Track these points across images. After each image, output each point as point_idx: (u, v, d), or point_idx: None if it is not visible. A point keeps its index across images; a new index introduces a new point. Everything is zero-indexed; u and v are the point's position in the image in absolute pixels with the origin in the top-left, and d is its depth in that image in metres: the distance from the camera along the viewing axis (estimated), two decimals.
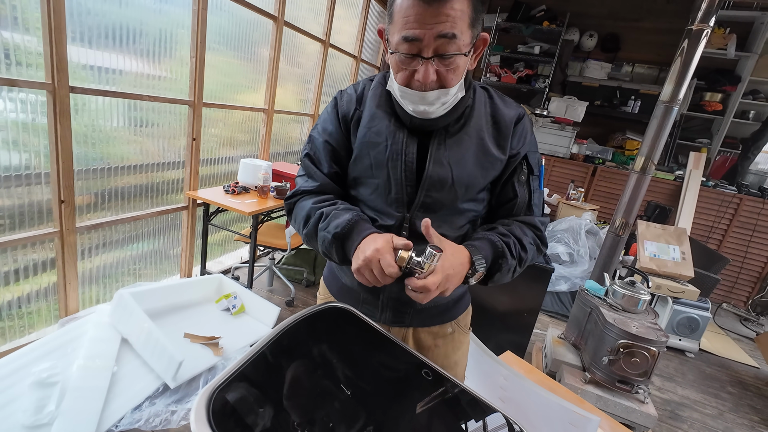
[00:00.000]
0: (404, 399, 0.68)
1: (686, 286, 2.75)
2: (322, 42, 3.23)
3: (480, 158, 0.77)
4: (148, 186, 2.16)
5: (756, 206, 3.84)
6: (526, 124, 0.82)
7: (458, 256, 0.69)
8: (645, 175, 2.12)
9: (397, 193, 0.77)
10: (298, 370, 0.66)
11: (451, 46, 0.64)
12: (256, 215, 2.23)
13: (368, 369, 0.72)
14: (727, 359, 2.89)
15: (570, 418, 0.91)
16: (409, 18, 0.63)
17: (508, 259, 0.74)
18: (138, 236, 2.21)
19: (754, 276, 3.93)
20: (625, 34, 4.68)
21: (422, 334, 0.89)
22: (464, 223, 0.82)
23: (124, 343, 1.74)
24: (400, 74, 0.70)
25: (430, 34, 0.63)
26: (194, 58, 2.10)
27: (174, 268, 2.50)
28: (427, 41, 0.64)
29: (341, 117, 0.81)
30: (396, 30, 0.65)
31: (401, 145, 0.75)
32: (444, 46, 0.64)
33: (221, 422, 0.51)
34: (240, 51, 2.53)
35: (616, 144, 4.69)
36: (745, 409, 2.33)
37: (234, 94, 2.59)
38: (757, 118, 4.34)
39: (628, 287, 1.91)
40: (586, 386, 1.83)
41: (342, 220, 0.72)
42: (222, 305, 2.21)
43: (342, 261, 0.75)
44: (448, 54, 0.65)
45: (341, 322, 0.78)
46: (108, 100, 1.82)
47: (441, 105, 0.71)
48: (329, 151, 0.82)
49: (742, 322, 3.63)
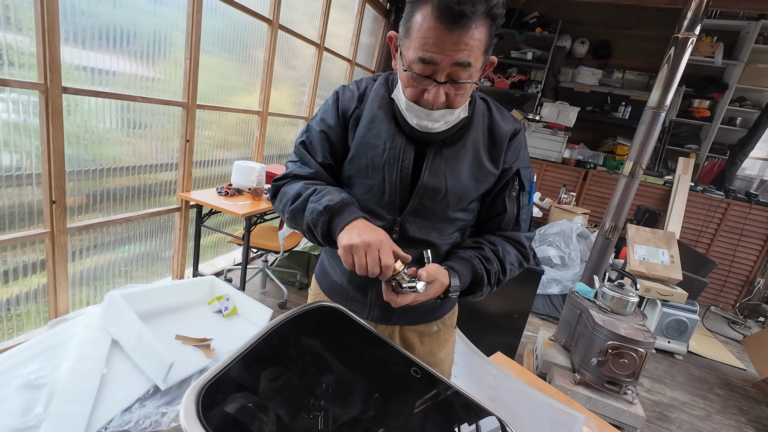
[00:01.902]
0: (393, 396, 0.69)
1: (675, 289, 2.79)
2: (317, 45, 3.25)
3: (474, 171, 0.78)
4: (140, 188, 2.15)
5: (743, 211, 3.91)
6: (521, 139, 0.83)
7: (435, 286, 0.71)
8: (633, 179, 2.16)
9: (390, 197, 0.78)
10: (287, 367, 0.66)
11: (464, 73, 0.65)
12: (249, 217, 2.23)
13: (357, 366, 0.73)
14: (715, 361, 2.93)
15: (556, 416, 0.92)
16: (428, 40, 0.62)
17: (484, 287, 0.79)
18: (130, 238, 2.20)
19: (742, 279, 4.00)
20: (616, 41, 4.76)
21: (408, 332, 0.90)
22: (453, 231, 0.84)
23: (115, 344, 1.73)
24: (409, 90, 0.70)
25: (447, 60, 0.63)
26: (188, 60, 2.10)
27: (166, 270, 2.49)
28: (443, 66, 0.64)
29: (341, 112, 0.81)
30: (412, 47, 0.65)
31: (399, 150, 0.76)
32: (458, 73, 0.65)
33: (211, 417, 0.51)
34: (235, 53, 2.54)
35: (607, 149, 4.76)
36: (732, 410, 2.36)
37: (229, 97, 2.60)
38: (744, 124, 4.43)
39: (616, 289, 1.94)
40: (575, 387, 1.85)
41: (336, 197, 0.72)
42: (214, 307, 2.20)
43: (324, 237, 0.74)
44: (460, 81, 0.66)
45: (331, 321, 0.78)
46: (101, 101, 1.82)
47: (444, 123, 0.72)
48: (325, 142, 0.82)
49: (730, 325, 3.68)
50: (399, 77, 0.73)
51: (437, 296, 0.74)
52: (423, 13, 0.62)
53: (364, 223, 0.71)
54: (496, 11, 0.63)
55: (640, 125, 2.14)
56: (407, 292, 0.70)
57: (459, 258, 0.80)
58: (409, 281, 0.69)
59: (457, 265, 0.77)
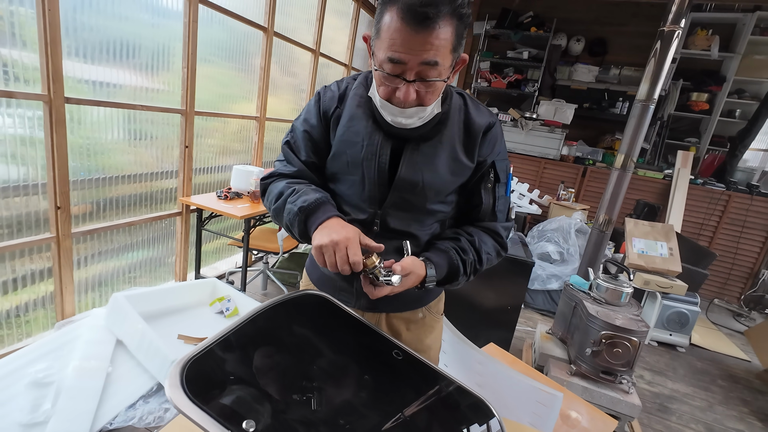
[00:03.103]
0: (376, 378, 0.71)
1: (674, 281, 2.78)
2: (313, 51, 3.32)
3: (450, 164, 0.82)
4: (144, 195, 2.22)
5: (744, 203, 3.89)
6: (496, 132, 0.85)
7: (411, 278, 0.75)
8: (625, 172, 2.18)
9: (370, 191, 0.82)
10: (271, 346, 0.70)
11: (432, 71, 0.68)
12: (248, 219, 2.29)
13: (340, 348, 0.76)
14: (718, 353, 2.92)
15: (537, 396, 0.96)
16: (395, 41, 0.65)
17: (460, 276, 0.83)
18: (133, 245, 2.26)
19: (746, 272, 3.97)
20: (612, 38, 4.78)
21: (394, 320, 0.94)
22: (433, 222, 0.87)
23: (119, 344, 1.79)
24: (382, 88, 0.73)
25: (415, 59, 0.66)
26: (186, 68, 2.17)
27: (169, 275, 2.55)
28: (411, 66, 0.67)
29: (322, 112, 0.85)
30: (382, 47, 0.68)
31: (376, 146, 0.80)
32: (426, 72, 0.68)
33: (193, 387, 0.56)
34: (236, 62, 2.62)
35: (606, 145, 4.77)
36: (735, 402, 2.35)
37: (230, 104, 2.67)
38: (744, 116, 4.42)
39: (611, 281, 1.95)
40: (571, 378, 1.86)
41: (311, 197, 0.77)
42: (216, 308, 2.25)
43: (301, 234, 0.79)
44: (429, 79, 0.69)
45: (317, 308, 0.81)
46: (106, 113, 1.89)
47: (418, 119, 0.76)
48: (308, 141, 0.86)
49: (735, 318, 3.66)
50: (373, 76, 0.77)
51: (415, 286, 0.78)
52: (390, 14, 0.65)
53: (336, 221, 0.75)
54: (461, 11, 0.66)
55: (630, 119, 2.17)
56: (383, 284, 0.73)
57: (436, 249, 0.83)
58: (385, 275, 0.73)
59: (434, 256, 0.81)
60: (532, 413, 0.97)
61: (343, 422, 0.61)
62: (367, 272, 0.73)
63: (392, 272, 0.74)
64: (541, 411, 0.95)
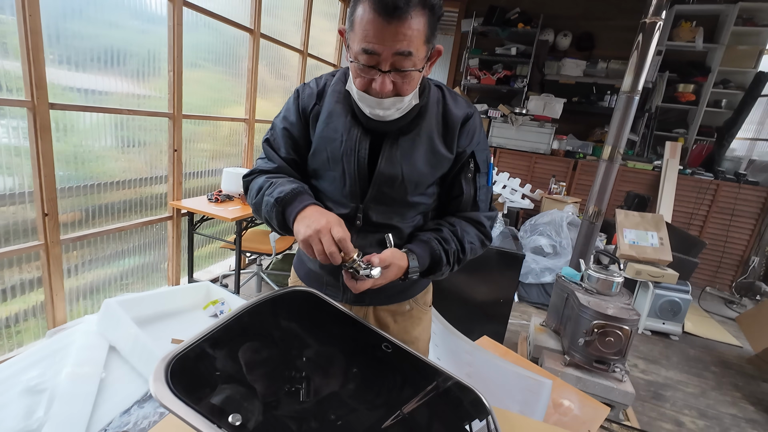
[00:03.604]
0: (362, 369, 0.72)
1: (665, 271, 2.82)
2: (300, 52, 3.32)
3: (429, 157, 0.82)
4: (135, 201, 2.21)
5: (732, 191, 3.94)
6: (475, 123, 0.86)
7: (392, 270, 0.76)
8: (613, 163, 2.20)
9: (351, 187, 0.83)
10: (258, 342, 0.70)
11: (407, 62, 0.68)
12: (239, 221, 2.28)
13: (327, 342, 0.76)
14: (711, 340, 2.95)
15: (526, 384, 0.97)
16: (368, 32, 0.66)
17: (443, 266, 0.83)
18: (125, 251, 2.25)
19: (736, 259, 4.02)
20: (599, 32, 4.82)
21: (381, 312, 0.95)
22: (415, 215, 0.88)
23: (112, 350, 1.78)
24: (358, 80, 0.73)
25: (388, 50, 0.66)
26: (171, 72, 2.17)
27: (161, 280, 2.54)
28: (385, 56, 0.67)
29: (301, 109, 0.86)
30: (356, 39, 0.68)
31: (355, 141, 0.81)
32: (400, 62, 0.68)
33: (178, 382, 0.56)
34: (225, 66, 2.61)
35: (596, 138, 4.80)
36: (728, 387, 2.38)
37: (221, 108, 2.66)
38: (729, 106, 4.48)
39: (602, 271, 1.97)
40: (565, 369, 1.88)
41: (287, 188, 0.78)
42: (210, 311, 2.25)
43: (280, 226, 0.80)
44: (404, 69, 0.69)
45: (304, 304, 0.82)
46: (94, 120, 1.88)
47: (396, 110, 0.76)
48: (288, 138, 0.87)
49: (726, 305, 3.70)
50: (350, 69, 0.77)
51: (398, 278, 0.79)
52: (363, 6, 0.66)
53: (314, 209, 0.76)
54: (431, 2, 0.67)
55: (616, 111, 2.19)
56: (364, 278, 0.74)
57: (418, 240, 0.84)
58: (364, 268, 0.73)
59: (416, 247, 0.82)
60: (521, 401, 0.98)
61: (333, 417, 0.61)
62: (347, 266, 0.74)
63: (371, 265, 0.74)
64: (530, 399, 0.97)
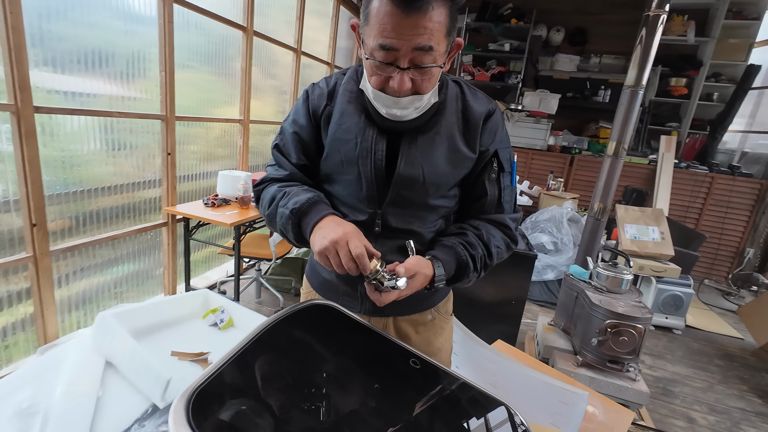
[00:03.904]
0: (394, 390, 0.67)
1: (667, 265, 2.82)
2: (294, 50, 3.24)
3: (450, 157, 0.77)
4: (126, 207, 2.11)
5: (727, 184, 3.98)
6: (497, 119, 0.81)
7: (418, 279, 0.71)
8: (618, 159, 2.18)
9: (368, 190, 0.77)
10: (281, 366, 0.65)
11: (427, 57, 0.63)
12: (238, 226, 2.20)
13: (355, 362, 0.71)
14: (712, 333, 2.97)
15: (560, 396, 0.92)
16: (386, 26, 0.61)
17: (470, 272, 0.78)
18: (118, 259, 2.16)
19: (732, 251, 4.06)
20: (591, 27, 4.83)
21: (402, 323, 0.89)
22: (436, 219, 0.83)
23: (108, 366, 1.68)
24: (374, 78, 0.68)
25: (408, 45, 0.61)
26: (164, 72, 2.08)
27: (157, 288, 2.45)
28: (404, 52, 0.62)
29: (311, 111, 0.81)
30: (372, 34, 0.63)
31: (371, 142, 0.75)
32: (420, 58, 0.63)
33: (202, 422, 0.50)
34: (216, 66, 2.52)
35: (591, 133, 4.81)
36: (734, 380, 2.39)
37: (212, 109, 2.57)
38: (721, 99, 4.51)
39: (611, 269, 1.95)
40: (578, 369, 1.85)
41: (302, 198, 0.74)
42: (209, 320, 2.15)
43: (297, 239, 0.76)
44: (424, 65, 0.64)
45: (324, 318, 0.77)
46: (82, 123, 1.78)
47: (414, 109, 0.71)
48: (298, 143, 0.82)
49: (724, 297, 3.73)
50: (364, 66, 0.72)
51: (423, 287, 0.74)
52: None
53: (331, 220, 0.71)
54: None
55: (620, 106, 2.17)
56: (389, 289, 0.69)
57: (442, 246, 0.79)
58: (389, 279, 0.68)
59: (441, 253, 0.77)
60: (554, 413, 0.93)
61: None
62: (370, 278, 0.69)
63: (396, 275, 0.69)
64: (564, 411, 0.92)
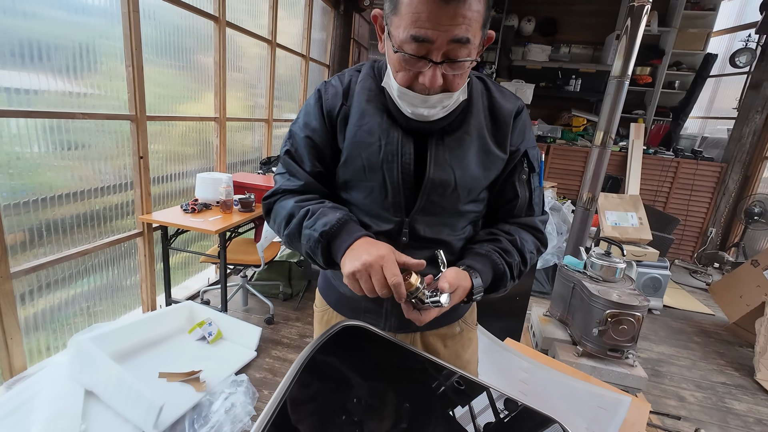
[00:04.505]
0: (447, 412, 0.65)
1: (647, 249, 2.93)
2: (269, 42, 3.06)
3: (482, 158, 0.72)
4: (89, 214, 1.91)
5: (691, 168, 4.19)
6: (526, 117, 0.77)
7: (458, 293, 0.66)
8: (605, 148, 2.21)
9: (394, 197, 0.71)
10: (333, 401, 0.60)
11: (462, 51, 0.58)
12: (223, 233, 2.06)
13: (401, 386, 0.69)
14: (687, 311, 3.13)
15: (599, 401, 0.90)
16: (421, 15, 0.55)
17: (507, 281, 0.74)
18: (87, 270, 1.96)
19: (697, 231, 4.30)
20: (561, 17, 4.91)
21: (430, 338, 0.85)
22: (465, 225, 0.78)
23: (90, 396, 1.54)
24: (401, 74, 0.62)
25: (444, 37, 0.56)
26: (131, 67, 1.88)
27: (134, 302, 2.26)
28: (439, 44, 0.57)
29: (326, 113, 0.73)
30: (403, 25, 0.57)
31: (396, 145, 0.69)
32: (455, 51, 0.58)
33: None
34: (175, 60, 2.31)
35: (564, 122, 4.92)
36: (712, 356, 2.52)
37: (174, 106, 2.36)
38: (682, 87, 4.74)
39: (605, 258, 1.98)
40: (579, 360, 1.87)
41: (331, 218, 0.66)
42: (196, 334, 2.03)
43: (327, 263, 0.69)
44: (459, 60, 0.59)
45: (358, 341, 0.72)
46: (24, 123, 1.56)
47: (442, 108, 0.65)
48: (311, 148, 0.74)
49: (692, 275, 3.96)
50: (389, 61, 0.65)
51: (461, 301, 0.68)
52: None
53: (365, 241, 0.65)
54: None
55: (606, 96, 2.19)
56: (430, 307, 0.63)
57: (476, 254, 0.74)
58: (430, 296, 0.63)
59: (476, 263, 0.72)
60: (590, 419, 0.91)
61: None
62: (409, 297, 0.63)
63: (438, 291, 0.63)
64: (601, 416, 0.90)
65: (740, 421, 1.96)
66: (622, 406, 0.87)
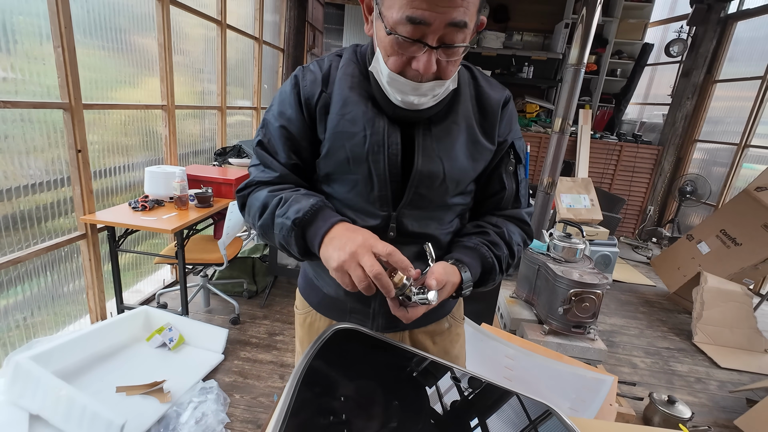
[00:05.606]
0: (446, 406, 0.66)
1: (598, 229, 3.12)
2: (218, 23, 2.84)
3: (470, 149, 0.70)
4: (15, 216, 1.68)
5: (632, 151, 4.51)
6: (513, 108, 0.76)
7: (447, 288, 0.64)
8: (564, 135, 2.30)
9: (380, 191, 0.67)
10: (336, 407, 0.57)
11: (459, 35, 0.55)
12: (180, 231, 1.91)
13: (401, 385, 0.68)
14: (632, 284, 3.40)
15: (583, 383, 0.93)
16: None
17: (495, 275, 0.73)
18: (20, 277, 1.73)
19: (637, 209, 4.66)
20: (512, 4, 5.02)
21: (419, 335, 0.83)
22: (453, 218, 0.77)
23: (36, 420, 1.38)
24: (393, 59, 0.58)
25: (441, 19, 0.53)
26: (60, 48, 1.66)
27: (81, 311, 2.05)
28: (436, 27, 0.53)
29: (304, 101, 0.68)
30: (397, 5, 0.53)
31: (382, 135, 0.65)
32: (452, 35, 0.55)
33: None
34: (106, 41, 2.05)
35: (518, 109, 5.08)
36: (657, 323, 2.77)
37: (109, 92, 2.11)
38: (623, 74, 5.05)
39: (566, 240, 2.08)
40: (546, 338, 1.97)
41: (304, 205, 0.62)
42: (156, 342, 1.88)
43: (302, 253, 0.64)
44: (455, 45, 0.56)
45: (353, 345, 0.70)
46: None
47: (432, 97, 0.62)
48: (286, 139, 0.69)
49: (634, 250, 4.29)
50: (378, 45, 0.61)
51: (449, 296, 0.67)
52: None
53: (342, 228, 0.61)
54: None
55: (564, 83, 2.27)
56: (417, 304, 0.61)
57: (464, 248, 0.72)
58: (418, 293, 0.60)
59: (465, 256, 0.70)
60: (574, 399, 0.94)
61: None
62: (396, 294, 0.60)
63: (425, 288, 0.61)
64: (585, 396, 0.94)
65: (683, 381, 2.17)
66: (605, 385, 0.91)
